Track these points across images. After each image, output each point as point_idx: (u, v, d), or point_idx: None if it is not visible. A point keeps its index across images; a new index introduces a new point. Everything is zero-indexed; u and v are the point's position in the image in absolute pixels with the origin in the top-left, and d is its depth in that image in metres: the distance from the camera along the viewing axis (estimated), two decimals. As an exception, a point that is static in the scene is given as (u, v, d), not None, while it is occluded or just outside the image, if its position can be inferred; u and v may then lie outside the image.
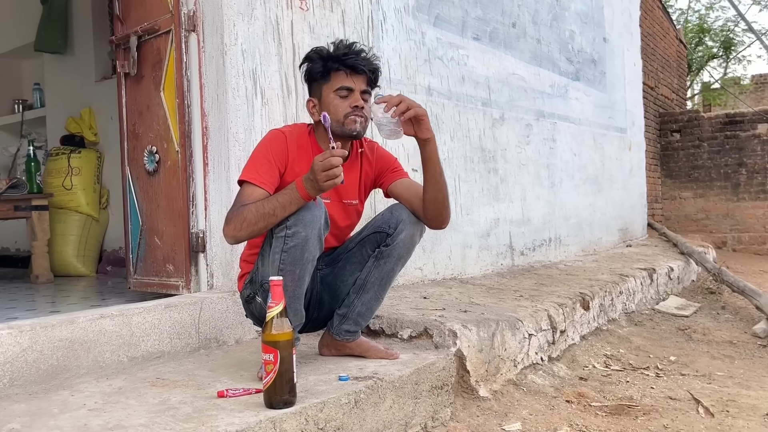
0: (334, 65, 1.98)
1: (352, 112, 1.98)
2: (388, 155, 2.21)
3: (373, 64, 2.02)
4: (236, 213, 1.83)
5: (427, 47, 3.47)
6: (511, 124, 4.24)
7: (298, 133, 2.05)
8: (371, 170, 2.14)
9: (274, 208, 1.81)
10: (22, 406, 1.73)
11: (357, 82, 1.99)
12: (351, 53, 1.98)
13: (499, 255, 4.06)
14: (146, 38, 2.65)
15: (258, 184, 1.88)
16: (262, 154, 1.95)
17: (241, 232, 1.82)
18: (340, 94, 1.98)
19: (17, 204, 3.91)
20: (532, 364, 2.76)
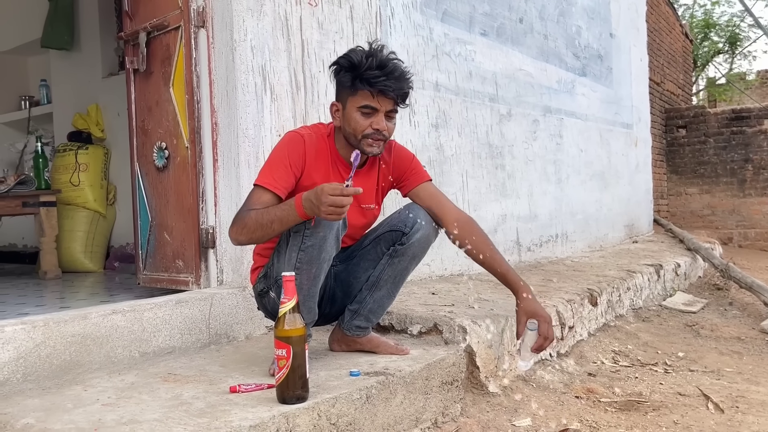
0: (361, 84, 1.89)
1: (372, 134, 1.92)
2: (406, 155, 2.16)
3: (403, 90, 1.93)
4: (240, 217, 1.84)
5: (434, 43, 3.46)
6: (518, 119, 4.23)
7: (317, 137, 2.01)
8: (389, 173, 2.12)
9: (272, 221, 1.79)
10: (35, 401, 1.74)
11: (383, 104, 1.91)
12: (381, 76, 1.87)
13: (506, 251, 4.06)
14: (155, 34, 2.65)
15: (270, 188, 1.86)
16: (279, 158, 1.93)
17: (241, 236, 1.83)
18: (364, 111, 1.91)
19: (25, 200, 3.92)
20: (541, 359, 2.76)
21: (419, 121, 3.34)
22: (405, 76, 1.94)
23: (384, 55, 1.94)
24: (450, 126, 3.56)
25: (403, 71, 1.94)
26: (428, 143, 3.40)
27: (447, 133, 3.53)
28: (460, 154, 3.64)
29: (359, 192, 1.73)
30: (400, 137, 3.18)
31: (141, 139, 2.77)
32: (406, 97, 1.96)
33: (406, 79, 1.95)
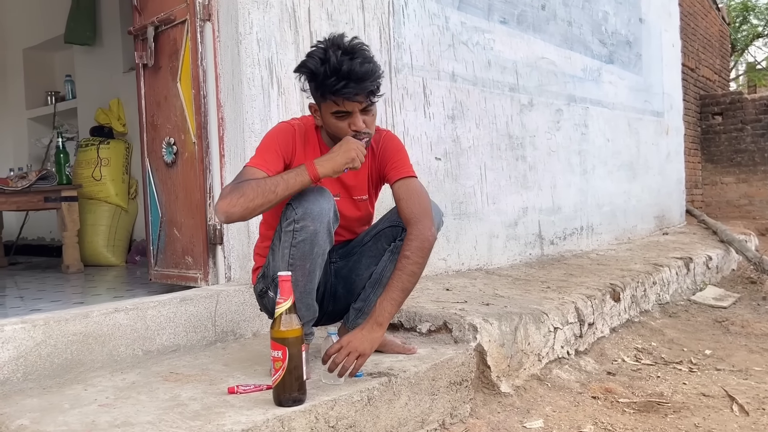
0: (326, 96, 1.81)
1: (355, 135, 1.85)
2: (392, 146, 2.05)
3: (368, 89, 1.80)
4: (234, 188, 1.73)
5: (450, 32, 3.38)
6: (541, 109, 4.12)
7: (306, 127, 1.98)
8: (376, 164, 2.05)
9: (276, 184, 1.72)
10: (34, 400, 1.73)
11: (352, 106, 1.82)
12: (339, 83, 1.75)
13: (527, 244, 3.97)
14: (163, 28, 2.63)
15: (262, 168, 1.81)
16: (270, 144, 1.90)
17: (236, 207, 1.70)
18: (337, 116, 1.85)
19: (47, 195, 3.96)
20: (557, 358, 2.68)
21: (434, 113, 3.26)
22: (368, 74, 1.80)
23: (340, 54, 1.79)
24: (467, 117, 3.48)
25: (366, 69, 1.79)
26: (444, 135, 3.33)
27: (464, 125, 3.45)
28: (478, 145, 3.56)
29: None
30: (414, 129, 3.13)
31: (151, 134, 2.76)
32: (376, 90, 1.85)
33: (370, 75, 1.80)
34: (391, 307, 1.84)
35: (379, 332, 1.83)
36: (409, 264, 1.86)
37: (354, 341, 1.80)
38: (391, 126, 3.01)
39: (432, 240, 1.91)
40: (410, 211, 1.91)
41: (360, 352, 1.80)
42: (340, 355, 1.79)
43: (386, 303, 1.84)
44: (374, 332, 1.83)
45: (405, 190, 1.96)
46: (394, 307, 1.85)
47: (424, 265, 1.89)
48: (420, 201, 1.94)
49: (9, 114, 5.77)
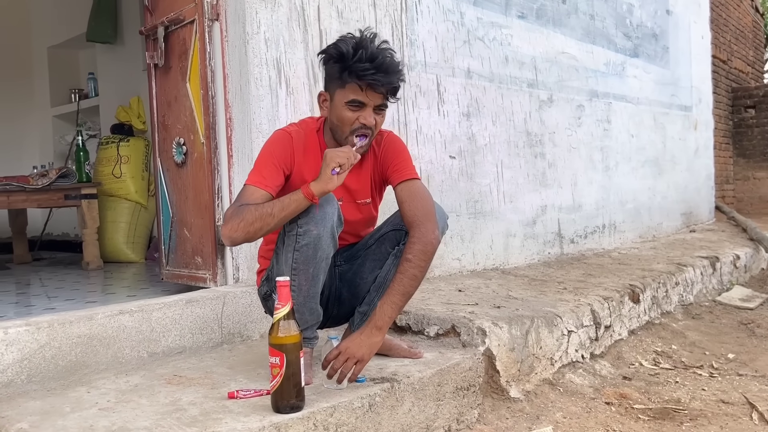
0: (350, 77, 1.81)
1: (359, 129, 1.84)
2: (394, 148, 2.01)
3: (393, 84, 1.82)
4: (234, 212, 1.75)
5: (466, 28, 3.32)
6: (561, 105, 4.04)
7: (305, 132, 1.95)
8: (378, 166, 2.02)
9: (273, 208, 1.73)
10: (37, 403, 1.74)
11: (372, 98, 1.82)
12: (371, 69, 1.78)
13: (546, 243, 3.90)
14: (173, 28, 2.62)
15: (261, 186, 1.80)
16: (267, 158, 1.87)
17: (237, 232, 1.73)
18: (352, 105, 1.83)
19: (67, 193, 4.01)
20: (571, 362, 2.63)
21: (449, 111, 3.22)
22: (396, 69, 1.83)
23: (375, 46, 1.83)
24: (483, 114, 3.42)
25: (395, 64, 1.84)
26: (458, 133, 3.28)
27: (480, 122, 3.40)
28: (494, 143, 3.50)
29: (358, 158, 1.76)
30: (427, 127, 3.09)
31: (162, 134, 2.76)
32: (396, 92, 1.87)
33: (397, 72, 1.84)
34: (391, 310, 1.82)
35: (378, 337, 1.81)
36: (411, 267, 1.83)
37: (352, 347, 1.78)
38: (403, 124, 2.97)
39: (435, 243, 1.88)
40: (413, 214, 1.88)
41: (358, 358, 1.77)
42: (338, 361, 1.77)
43: (386, 306, 1.81)
44: (373, 337, 1.80)
45: (408, 193, 1.93)
46: (394, 311, 1.82)
47: (426, 269, 1.86)
48: (423, 204, 1.91)
49: (35, 111, 5.86)
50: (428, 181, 3.10)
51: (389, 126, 2.91)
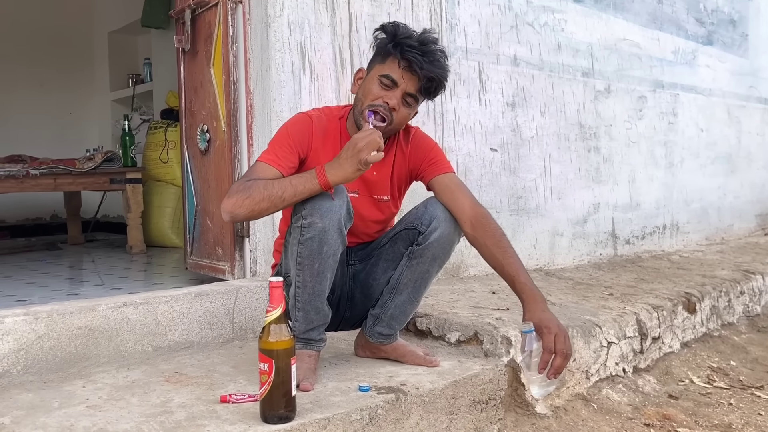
0: (394, 50, 1.72)
1: (378, 107, 1.72)
2: (426, 144, 1.92)
3: (432, 73, 1.72)
4: (241, 187, 1.64)
5: (513, 12, 3.11)
6: (620, 96, 3.77)
7: (327, 118, 1.85)
8: (405, 163, 1.89)
9: (284, 189, 1.61)
10: (28, 396, 1.70)
11: (407, 81, 1.72)
12: (416, 49, 1.69)
13: (598, 244, 3.65)
14: (199, 11, 2.55)
15: (273, 165, 1.71)
16: (282, 137, 1.79)
17: (241, 209, 1.62)
18: (384, 81, 1.73)
19: (113, 177, 4.05)
20: (609, 376, 2.42)
21: (491, 100, 3.02)
22: (439, 63, 1.73)
23: (430, 38, 1.75)
24: (530, 104, 3.21)
25: (441, 61, 1.74)
26: (501, 124, 3.08)
27: (526, 113, 3.19)
28: (542, 135, 3.28)
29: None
30: (466, 118, 2.92)
31: (188, 120, 2.70)
32: (431, 88, 1.74)
33: (441, 68, 1.74)
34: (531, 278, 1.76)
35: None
36: (508, 242, 1.80)
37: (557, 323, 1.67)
38: (439, 114, 2.80)
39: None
40: (472, 201, 1.84)
41: (566, 333, 1.67)
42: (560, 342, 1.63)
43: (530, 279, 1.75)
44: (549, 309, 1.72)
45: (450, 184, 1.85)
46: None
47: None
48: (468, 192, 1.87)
49: (96, 96, 5.98)
50: (465, 174, 2.92)
51: (423, 115, 2.76)
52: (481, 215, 1.77)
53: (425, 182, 1.88)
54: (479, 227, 1.76)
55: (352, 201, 1.84)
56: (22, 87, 5.54)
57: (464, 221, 1.78)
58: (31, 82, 5.59)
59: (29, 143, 5.13)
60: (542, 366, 1.62)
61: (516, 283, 1.70)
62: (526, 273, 1.72)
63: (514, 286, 1.71)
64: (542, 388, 1.68)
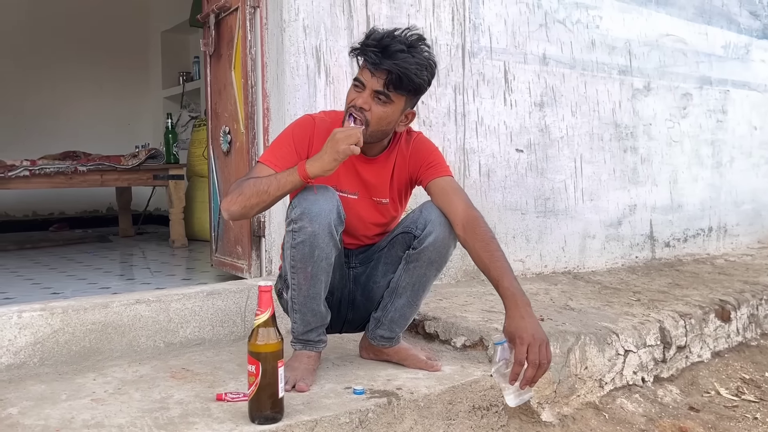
0: (359, 54, 1.74)
1: (350, 110, 1.74)
2: (425, 147, 1.92)
3: (389, 66, 1.68)
4: (236, 185, 1.72)
5: (543, 10, 3.05)
6: (661, 94, 3.64)
7: (331, 121, 1.87)
8: (405, 166, 1.89)
9: (269, 184, 1.67)
10: (42, 387, 1.80)
11: (371, 80, 1.71)
12: (372, 47, 1.70)
13: (633, 246, 3.55)
14: (222, 15, 2.61)
15: (270, 165, 1.76)
16: (284, 139, 1.84)
17: (234, 205, 1.68)
18: (355, 85, 1.75)
19: (156, 173, 4.20)
20: (626, 385, 2.36)
21: (517, 100, 2.98)
22: (399, 57, 1.69)
23: (397, 34, 1.73)
24: (560, 104, 3.14)
25: (401, 54, 1.69)
26: (528, 124, 3.03)
27: (555, 112, 3.12)
28: (573, 135, 3.21)
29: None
30: (489, 118, 2.89)
31: (214, 122, 2.78)
32: (399, 81, 1.71)
33: (400, 59, 1.69)
34: (518, 283, 1.69)
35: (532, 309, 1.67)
36: (497, 245, 1.75)
37: (531, 330, 1.60)
38: (461, 115, 2.78)
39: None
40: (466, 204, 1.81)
41: (546, 340, 1.61)
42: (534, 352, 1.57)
43: (515, 282, 1.68)
44: (533, 314, 1.65)
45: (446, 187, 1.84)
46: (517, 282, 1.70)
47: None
48: (463, 196, 1.85)
49: (149, 93, 6.20)
50: (489, 176, 2.90)
51: (443, 116, 2.75)
52: (473, 218, 1.76)
53: (423, 185, 1.88)
54: (469, 230, 1.74)
55: (352, 203, 1.87)
56: (82, 86, 5.80)
57: (456, 224, 1.77)
58: (90, 81, 5.85)
59: (88, 139, 5.39)
60: (512, 378, 1.59)
61: (499, 287, 1.67)
62: (512, 277, 1.68)
63: (498, 291, 1.69)
64: (517, 397, 1.66)
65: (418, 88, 1.78)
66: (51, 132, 5.51)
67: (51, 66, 5.63)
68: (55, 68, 5.66)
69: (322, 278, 1.78)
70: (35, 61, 5.57)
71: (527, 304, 1.63)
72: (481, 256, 1.71)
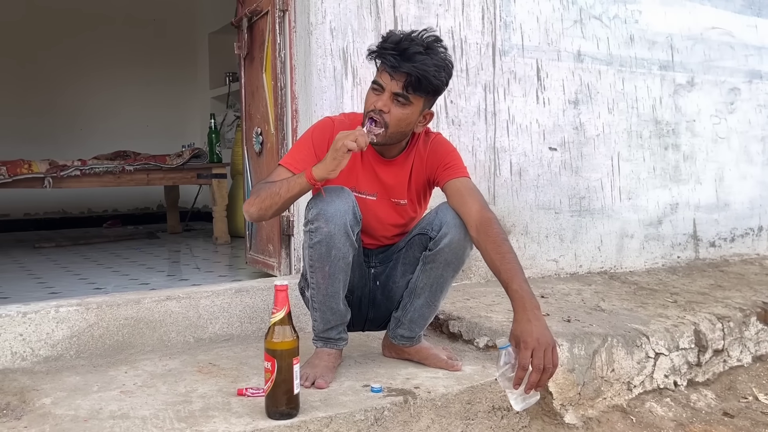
0: (376, 58, 1.77)
1: (371, 113, 1.76)
2: (443, 149, 1.92)
3: (408, 68, 1.71)
4: (255, 188, 1.79)
5: (578, 6, 3.00)
6: (706, 89, 3.53)
7: (349, 123, 1.91)
8: (423, 167, 1.91)
9: (280, 186, 1.72)
10: (76, 378, 1.89)
11: (390, 82, 1.74)
12: (390, 50, 1.72)
13: (675, 246, 3.46)
14: (254, 19, 2.67)
15: (289, 167, 1.81)
16: (304, 141, 1.89)
17: (252, 207, 1.76)
18: (375, 88, 1.78)
19: (200, 172, 4.32)
20: (657, 388, 2.31)
21: (550, 98, 2.94)
22: (418, 60, 1.71)
23: (415, 36, 1.75)
24: (596, 101, 3.09)
25: (420, 56, 1.72)
26: (562, 122, 2.99)
27: (591, 110, 3.07)
28: (609, 133, 3.15)
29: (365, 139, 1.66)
30: (521, 117, 2.87)
31: (248, 123, 2.84)
32: (417, 83, 1.73)
33: (418, 63, 1.71)
34: (528, 286, 1.67)
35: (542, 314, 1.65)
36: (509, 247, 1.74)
37: (537, 334, 1.57)
38: (491, 114, 2.77)
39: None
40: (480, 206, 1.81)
41: (552, 344, 1.59)
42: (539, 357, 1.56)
43: (525, 285, 1.66)
44: (542, 318, 1.62)
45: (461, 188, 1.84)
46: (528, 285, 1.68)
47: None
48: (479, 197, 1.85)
49: (198, 93, 6.37)
50: (520, 175, 2.87)
51: (473, 115, 2.74)
52: (486, 219, 1.75)
53: (440, 186, 1.89)
54: (482, 231, 1.74)
55: (370, 204, 1.89)
56: (133, 87, 6.02)
57: (470, 225, 1.77)
58: (141, 82, 6.05)
59: (139, 139, 5.58)
60: (516, 382, 1.58)
61: (509, 289, 1.66)
62: (522, 280, 1.66)
63: (507, 292, 1.68)
64: (522, 401, 1.65)
65: (437, 89, 1.80)
66: (104, 132, 5.74)
67: (105, 68, 5.86)
68: (109, 70, 5.88)
69: (340, 277, 1.81)
70: (91, 64, 5.81)
71: (536, 306, 1.62)
72: (492, 258, 1.71)
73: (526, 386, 1.58)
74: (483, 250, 1.74)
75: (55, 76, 5.73)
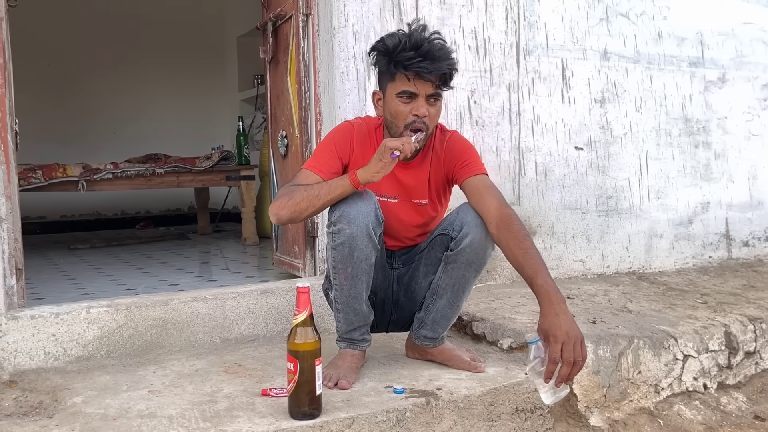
0: (396, 68, 1.78)
1: (413, 123, 1.79)
2: (459, 146, 1.93)
3: (442, 70, 1.76)
4: (284, 191, 1.79)
5: (604, 4, 2.97)
6: (738, 85, 3.46)
7: (367, 127, 1.94)
8: (440, 166, 1.92)
9: (320, 189, 1.75)
10: (106, 378, 1.94)
11: (421, 87, 1.77)
12: (416, 57, 1.73)
13: (706, 246, 3.40)
14: (279, 23, 2.70)
15: (315, 171, 1.83)
16: (326, 145, 1.91)
17: (284, 210, 1.76)
18: (402, 97, 1.79)
19: (228, 174, 4.38)
20: (686, 391, 2.28)
21: (575, 97, 2.92)
22: (444, 56, 1.77)
23: (421, 35, 1.78)
24: (623, 100, 3.05)
25: (442, 51, 1.77)
26: (588, 122, 2.96)
27: (618, 108, 3.04)
28: (637, 132, 3.11)
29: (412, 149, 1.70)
30: (546, 116, 2.85)
31: (273, 126, 2.88)
32: (447, 79, 1.79)
33: (447, 59, 1.77)
34: (552, 280, 1.66)
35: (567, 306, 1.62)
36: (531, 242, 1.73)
37: (566, 327, 1.55)
38: (515, 114, 2.76)
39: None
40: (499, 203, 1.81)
41: (581, 337, 1.57)
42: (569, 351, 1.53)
43: (549, 279, 1.64)
44: (568, 311, 1.60)
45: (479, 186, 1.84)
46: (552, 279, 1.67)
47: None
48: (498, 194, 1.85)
49: (226, 95, 6.45)
50: (546, 174, 2.86)
51: (497, 115, 2.74)
52: (506, 216, 1.75)
53: (459, 184, 1.89)
54: (503, 228, 1.74)
55: (392, 206, 1.91)
56: (163, 90, 6.12)
57: (490, 222, 1.77)
58: (171, 86, 6.15)
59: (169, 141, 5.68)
60: (547, 376, 1.57)
61: (533, 284, 1.65)
62: (546, 274, 1.65)
63: (532, 288, 1.67)
64: (553, 395, 1.63)
65: (453, 76, 1.84)
66: (135, 135, 5.84)
67: (136, 72, 5.97)
68: (140, 74, 5.99)
69: (362, 278, 1.83)
70: (123, 69, 5.92)
71: (562, 301, 1.61)
72: (514, 254, 1.70)
73: (557, 380, 1.57)
74: (504, 247, 1.73)
75: (89, 80, 5.86)
